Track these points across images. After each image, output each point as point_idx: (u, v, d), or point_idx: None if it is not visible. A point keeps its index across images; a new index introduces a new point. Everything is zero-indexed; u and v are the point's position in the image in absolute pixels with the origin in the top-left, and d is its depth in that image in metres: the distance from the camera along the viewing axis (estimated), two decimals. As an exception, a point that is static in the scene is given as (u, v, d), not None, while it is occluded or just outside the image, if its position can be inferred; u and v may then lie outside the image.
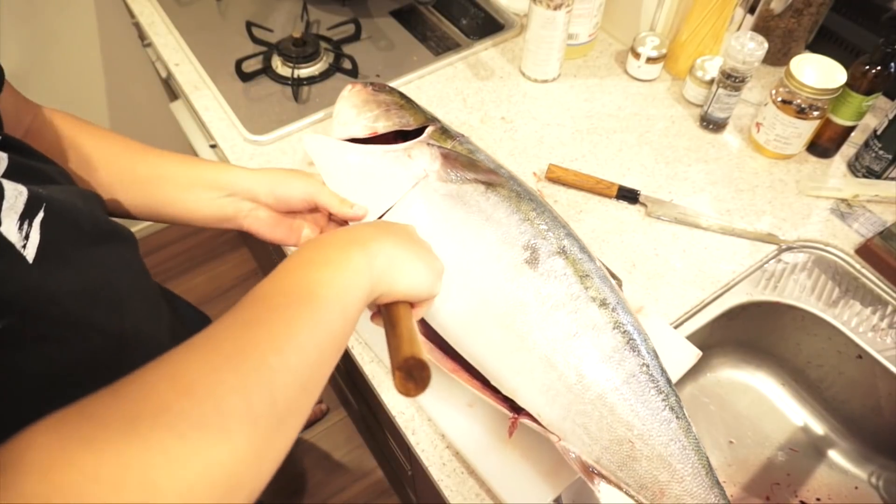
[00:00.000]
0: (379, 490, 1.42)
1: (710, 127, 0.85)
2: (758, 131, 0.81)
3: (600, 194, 0.78)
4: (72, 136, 0.54)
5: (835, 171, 0.81)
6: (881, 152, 0.76)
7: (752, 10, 0.90)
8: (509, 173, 0.60)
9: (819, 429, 0.83)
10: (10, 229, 0.36)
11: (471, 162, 0.59)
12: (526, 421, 0.51)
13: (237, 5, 1.04)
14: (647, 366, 0.50)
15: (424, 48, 0.97)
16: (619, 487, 0.48)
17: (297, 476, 1.45)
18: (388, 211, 0.57)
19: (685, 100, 0.89)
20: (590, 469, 0.49)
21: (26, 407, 0.38)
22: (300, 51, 0.91)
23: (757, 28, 0.89)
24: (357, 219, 0.57)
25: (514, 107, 0.89)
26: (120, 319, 0.44)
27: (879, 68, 0.72)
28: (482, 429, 0.57)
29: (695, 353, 0.61)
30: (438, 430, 0.59)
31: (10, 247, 0.36)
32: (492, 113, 0.88)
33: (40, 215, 0.38)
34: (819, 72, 0.74)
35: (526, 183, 0.60)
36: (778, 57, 0.91)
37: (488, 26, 1.01)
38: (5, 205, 0.36)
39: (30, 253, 0.37)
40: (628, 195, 0.77)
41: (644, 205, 0.77)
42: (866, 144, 0.78)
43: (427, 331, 0.55)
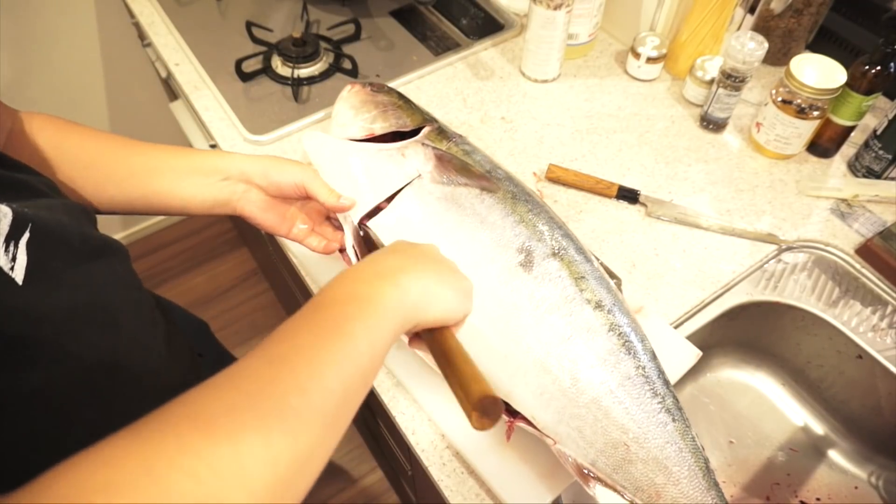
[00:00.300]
0: (379, 490, 1.43)
1: (710, 127, 0.85)
2: (758, 131, 0.81)
3: (600, 194, 0.78)
4: (55, 139, 0.52)
5: (835, 171, 0.81)
6: (881, 152, 0.76)
7: (752, 10, 0.90)
8: (506, 174, 0.59)
9: (819, 429, 0.83)
10: None
11: (464, 166, 0.58)
12: (522, 424, 0.51)
13: (237, 5, 1.04)
14: (643, 368, 0.50)
15: (424, 48, 0.97)
16: (615, 490, 0.48)
17: (298, 476, 1.45)
18: (383, 212, 0.57)
19: (685, 100, 0.89)
20: (585, 472, 0.49)
21: (21, 426, 0.38)
22: (300, 51, 0.91)
23: (757, 28, 0.89)
24: (343, 210, 0.57)
25: (514, 107, 0.89)
26: (114, 334, 0.44)
27: (879, 68, 0.72)
28: (482, 429, 0.57)
29: (695, 354, 0.61)
30: (438, 430, 0.59)
31: None
32: (492, 113, 0.88)
33: (26, 236, 0.37)
34: (819, 72, 0.74)
35: (523, 183, 0.59)
36: (778, 57, 0.91)
37: (488, 26, 1.01)
38: None
39: (18, 275, 0.36)
40: (628, 195, 0.77)
41: (644, 205, 0.77)
42: (866, 144, 0.77)
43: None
